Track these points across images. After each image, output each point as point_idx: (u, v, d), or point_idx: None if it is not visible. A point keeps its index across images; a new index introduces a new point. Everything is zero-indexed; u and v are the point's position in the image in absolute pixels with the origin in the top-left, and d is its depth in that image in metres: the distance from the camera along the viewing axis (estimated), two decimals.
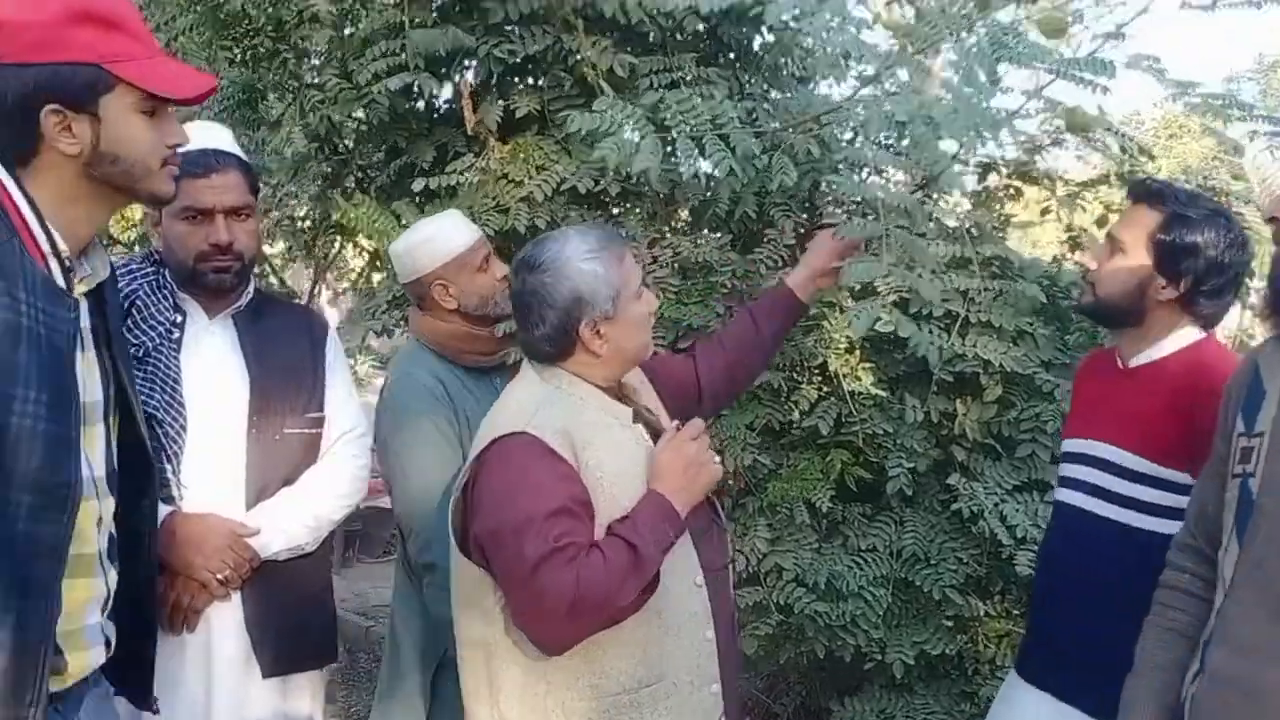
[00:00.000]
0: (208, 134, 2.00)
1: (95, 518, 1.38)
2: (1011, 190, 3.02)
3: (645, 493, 1.57)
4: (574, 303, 1.59)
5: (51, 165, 1.32)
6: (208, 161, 1.93)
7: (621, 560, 1.47)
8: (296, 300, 3.92)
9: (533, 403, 1.63)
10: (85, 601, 1.38)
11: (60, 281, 1.32)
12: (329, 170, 2.99)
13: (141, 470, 1.50)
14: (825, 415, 2.63)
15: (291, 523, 1.97)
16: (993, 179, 2.99)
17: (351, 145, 3.03)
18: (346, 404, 2.13)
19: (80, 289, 1.37)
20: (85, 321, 1.37)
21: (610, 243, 1.64)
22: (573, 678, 1.55)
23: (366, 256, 3.93)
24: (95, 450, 1.37)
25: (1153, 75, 2.46)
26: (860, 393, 2.62)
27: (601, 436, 1.60)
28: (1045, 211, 2.78)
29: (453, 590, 1.68)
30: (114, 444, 1.44)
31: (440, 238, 2.17)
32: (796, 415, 2.69)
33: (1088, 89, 2.28)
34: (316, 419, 2.06)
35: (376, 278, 3.54)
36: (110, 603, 1.44)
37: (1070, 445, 2.07)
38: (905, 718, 2.74)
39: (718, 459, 1.66)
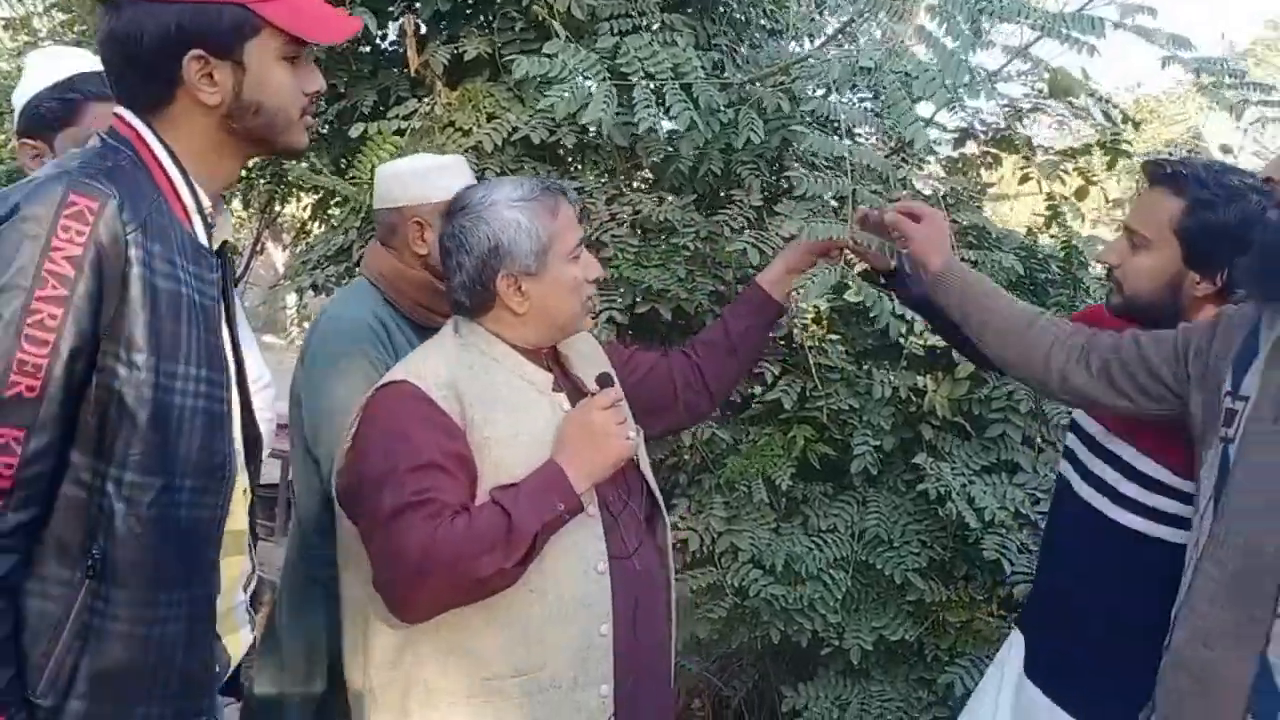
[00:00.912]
0: (61, 62, 1.82)
1: (242, 491, 1.34)
2: (989, 158, 2.92)
3: (544, 462, 1.46)
4: (491, 251, 1.48)
5: (187, 115, 1.21)
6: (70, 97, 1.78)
7: (490, 527, 1.36)
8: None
9: (432, 354, 1.54)
10: (235, 580, 1.35)
11: (203, 240, 1.23)
12: None
13: (252, 438, 1.42)
14: (789, 389, 2.52)
15: None
16: (970, 145, 2.89)
17: None
18: (251, 351, 1.97)
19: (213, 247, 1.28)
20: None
21: (545, 194, 1.52)
22: (442, 653, 1.45)
23: (310, 209, 3.74)
24: (234, 420, 1.30)
25: (1140, 35, 2.36)
26: (826, 366, 2.51)
27: (505, 399, 1.50)
28: (1024, 179, 2.68)
29: (338, 548, 1.58)
30: (250, 403, 1.40)
31: (439, 175, 1.97)
32: (758, 389, 2.58)
33: (1075, 50, 2.18)
34: None
35: (316, 230, 3.35)
36: (254, 578, 1.42)
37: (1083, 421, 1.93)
38: (861, 704, 2.66)
39: (632, 433, 1.52)
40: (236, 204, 4.39)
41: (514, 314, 1.51)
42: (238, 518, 1.31)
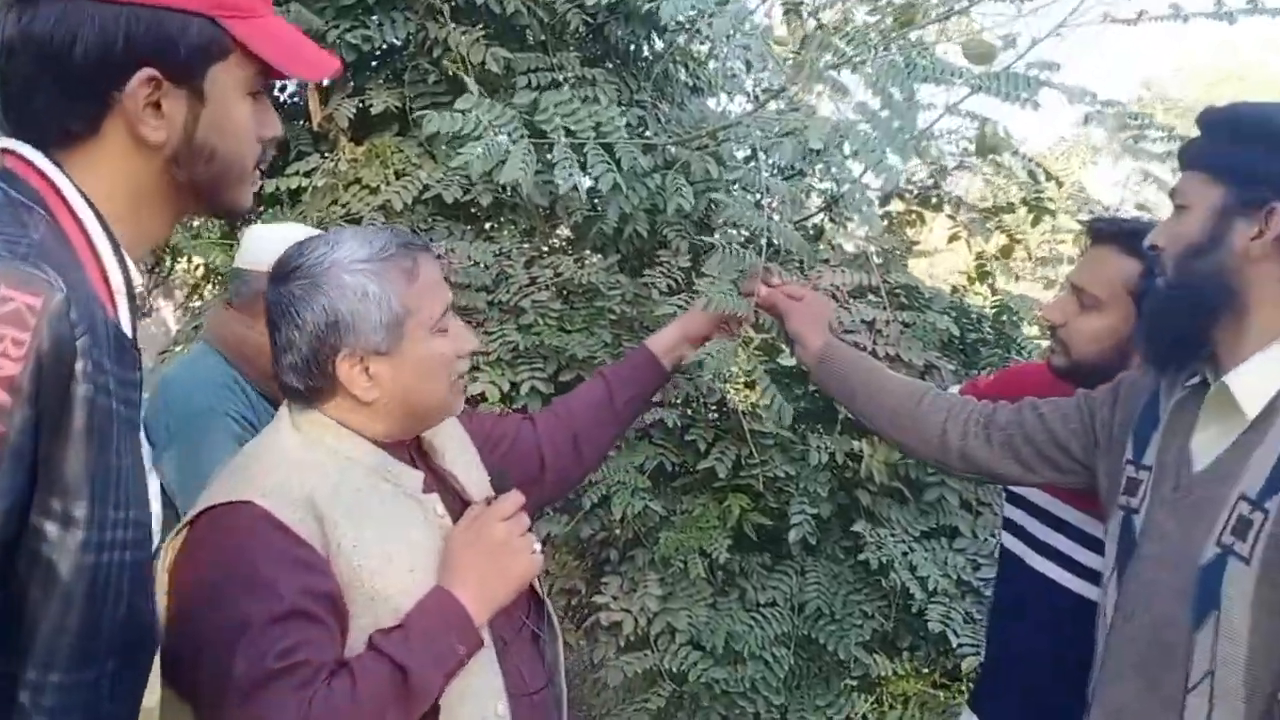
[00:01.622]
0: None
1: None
2: (914, 216, 2.90)
3: (431, 590, 1.19)
4: (329, 327, 1.20)
5: (116, 156, 0.93)
6: None
7: (381, 687, 1.09)
8: None
9: (272, 458, 1.23)
10: None
11: (128, 329, 0.93)
12: None
13: None
14: (723, 456, 2.42)
15: None
16: (895, 204, 2.87)
17: None
18: None
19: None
20: None
21: (401, 252, 1.24)
22: None
23: (202, 270, 3.52)
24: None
25: (1064, 92, 2.37)
26: (761, 432, 2.41)
27: (370, 510, 1.22)
28: (954, 238, 2.66)
29: None
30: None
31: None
32: (692, 456, 2.47)
33: (1006, 106, 2.17)
34: None
35: (210, 291, 3.14)
36: None
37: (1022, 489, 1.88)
38: None
39: (538, 546, 1.26)
40: None
41: (360, 402, 1.24)
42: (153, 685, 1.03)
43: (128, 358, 0.91)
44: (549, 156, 2.07)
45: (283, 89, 2.60)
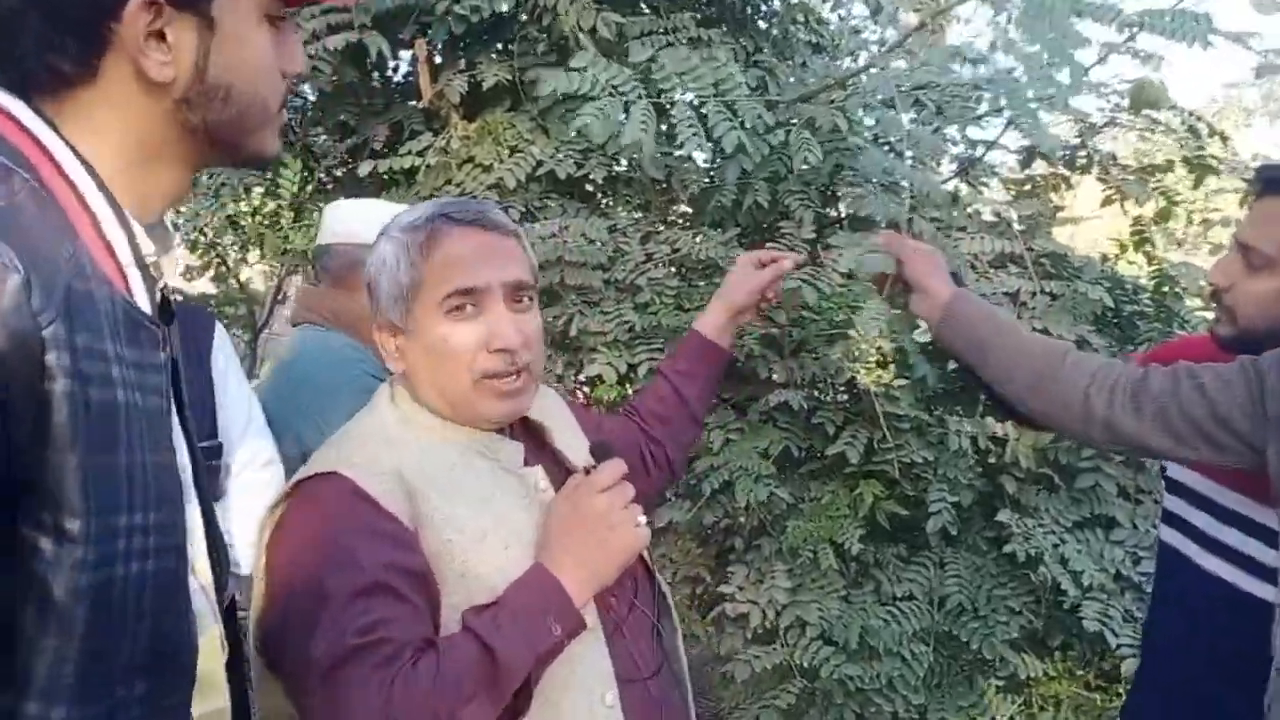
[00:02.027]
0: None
1: (218, 647, 0.92)
2: (1058, 179, 2.68)
3: (530, 568, 1.12)
4: (369, 291, 1.24)
5: (118, 101, 0.80)
6: None
7: (468, 668, 1.02)
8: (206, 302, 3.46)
9: (365, 433, 1.20)
10: None
11: (144, 304, 0.82)
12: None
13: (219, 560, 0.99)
14: (854, 441, 2.27)
15: None
16: (1038, 166, 2.65)
17: (297, 126, 2.66)
18: (247, 426, 1.75)
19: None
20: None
21: (429, 222, 1.18)
22: None
23: None
24: (196, 543, 0.88)
25: (1232, 39, 2.13)
26: (895, 414, 2.26)
27: (464, 485, 1.16)
28: (1107, 202, 2.43)
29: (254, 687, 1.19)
30: (215, 524, 0.97)
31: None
32: (820, 441, 2.33)
33: (1143, 63, 1.97)
34: (212, 448, 1.68)
35: None
36: None
37: (1183, 476, 1.68)
38: None
39: (643, 519, 1.15)
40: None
41: (409, 378, 1.23)
42: (213, 688, 0.89)
43: (145, 336, 0.79)
44: (668, 122, 1.96)
45: (394, 69, 2.57)
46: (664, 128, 2.02)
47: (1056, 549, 2.31)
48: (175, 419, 0.87)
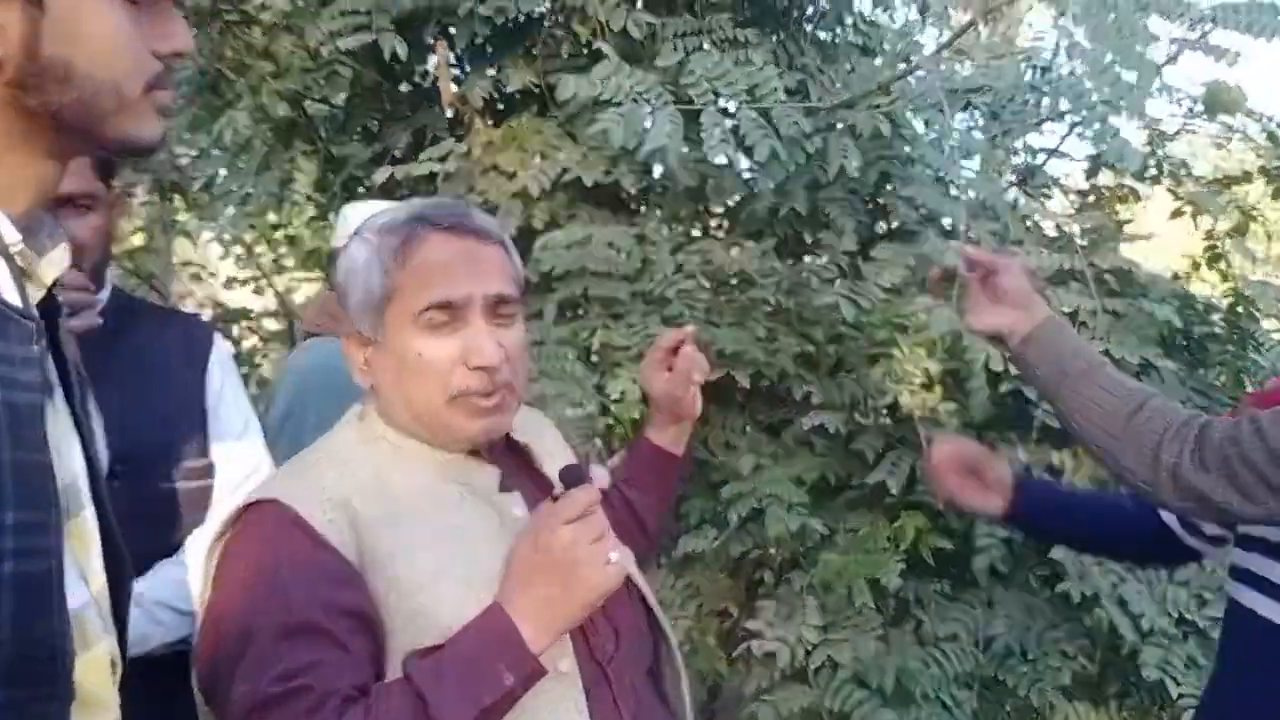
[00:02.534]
0: None
1: (108, 664, 0.83)
2: (1125, 191, 2.50)
3: (486, 609, 0.99)
4: (341, 298, 1.11)
5: None
6: None
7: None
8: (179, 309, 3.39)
9: (324, 450, 1.10)
10: None
11: (12, 295, 0.78)
12: (290, 162, 2.54)
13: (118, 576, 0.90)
14: (895, 468, 2.13)
15: (171, 607, 1.49)
16: (1103, 176, 2.48)
17: (324, 134, 2.60)
18: (241, 442, 1.66)
19: (34, 296, 0.81)
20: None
21: (407, 223, 1.07)
22: None
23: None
24: (89, 553, 0.82)
25: None
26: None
27: (424, 514, 1.05)
28: (1177, 214, 2.25)
29: None
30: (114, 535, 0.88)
31: None
32: (858, 468, 2.19)
33: (1224, 61, 1.79)
34: (201, 468, 1.59)
35: None
36: None
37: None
38: None
39: (615, 555, 1.01)
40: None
41: (378, 393, 1.11)
42: (100, 711, 0.80)
43: (14, 330, 0.73)
44: (698, 129, 1.84)
45: (422, 74, 2.48)
46: (697, 132, 1.90)
47: (1114, 589, 2.15)
48: (66, 419, 0.80)
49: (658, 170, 2.32)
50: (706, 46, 2.08)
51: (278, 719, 0.90)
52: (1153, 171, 2.39)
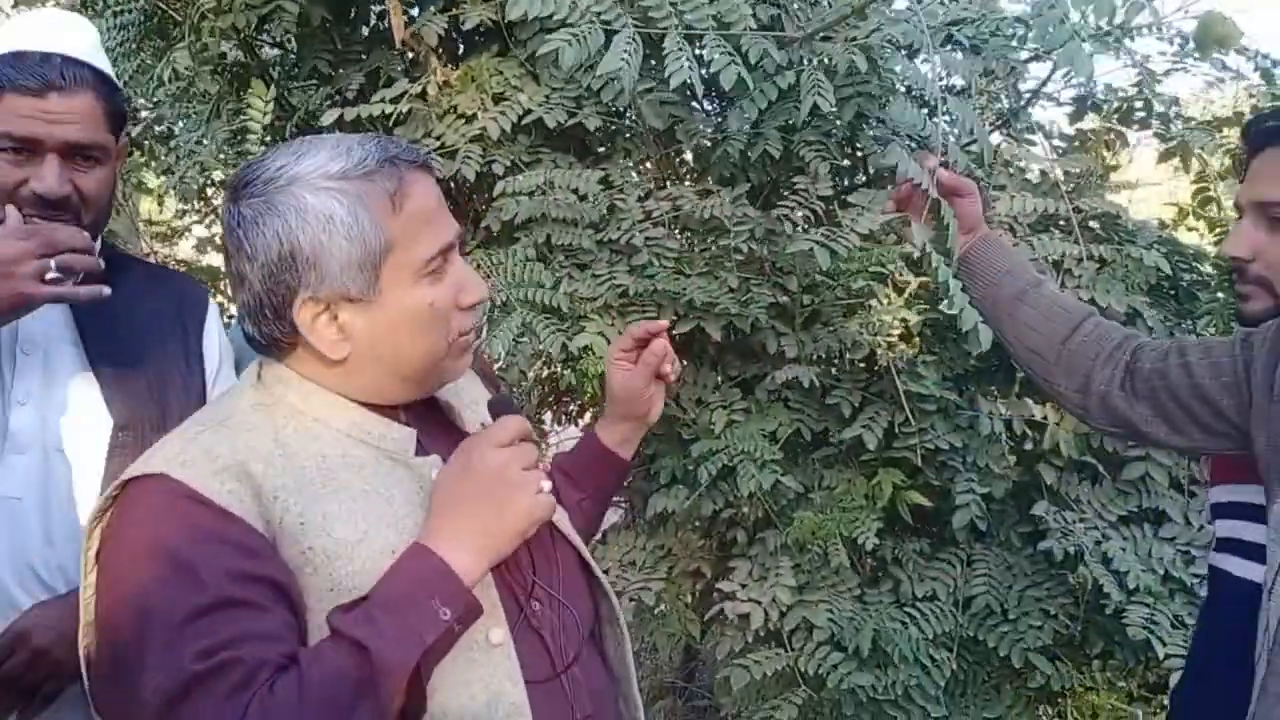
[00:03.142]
0: (55, 30, 1.42)
1: None
2: (1111, 135, 2.41)
3: (405, 549, 0.94)
4: (283, 262, 0.95)
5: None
6: (46, 73, 1.35)
7: (341, 675, 0.84)
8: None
9: (216, 418, 0.99)
10: None
11: None
12: (243, 108, 2.41)
13: None
14: (873, 423, 2.05)
15: None
16: (1089, 120, 2.38)
17: (275, 77, 2.46)
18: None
19: None
20: None
21: (385, 167, 0.98)
22: None
23: None
24: None
25: None
26: (919, 394, 2.02)
27: (337, 480, 0.97)
28: (1166, 156, 2.16)
29: None
30: None
31: None
32: (834, 423, 2.10)
33: None
34: None
35: None
36: None
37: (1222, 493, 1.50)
38: None
39: (548, 484, 0.98)
40: None
41: (329, 360, 0.99)
42: None
43: None
44: (662, 60, 1.73)
45: (379, 14, 2.35)
46: (658, 68, 1.79)
47: (1098, 546, 2.08)
48: None
49: (625, 113, 2.21)
50: None
51: (207, 699, 0.81)
52: (1141, 114, 2.30)
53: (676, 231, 2.07)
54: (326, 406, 1.01)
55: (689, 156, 2.31)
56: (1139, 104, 2.29)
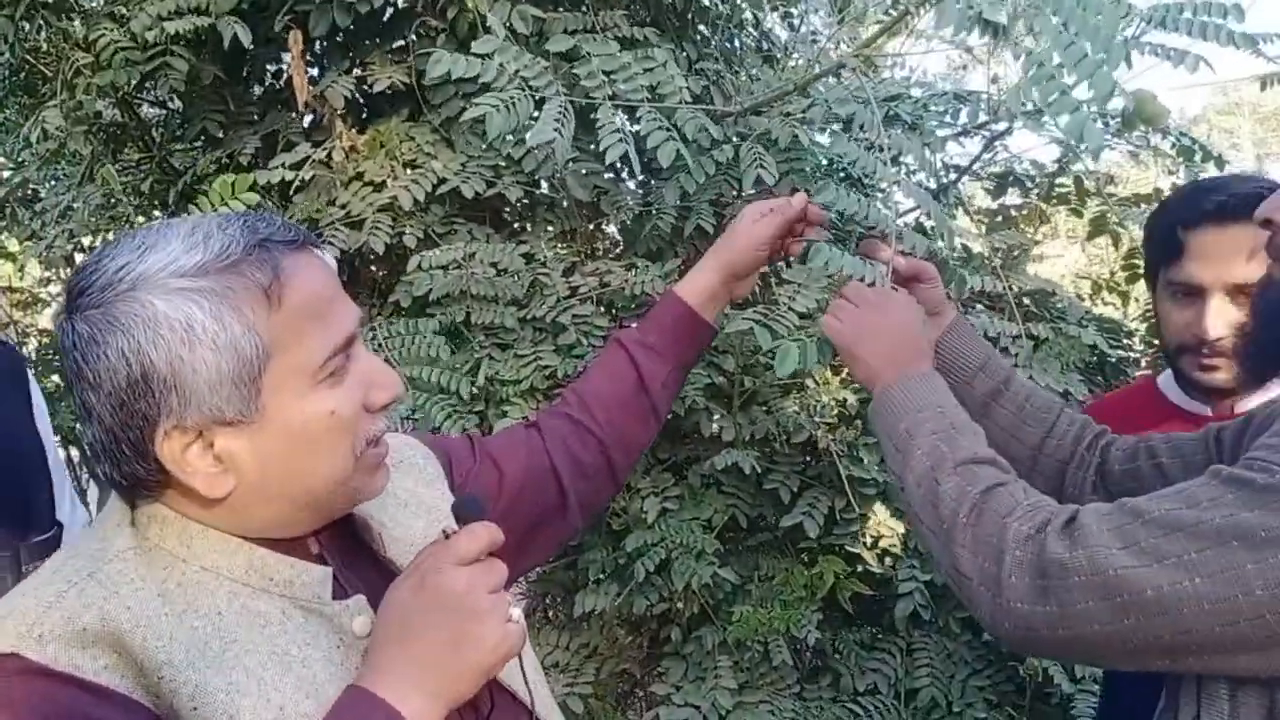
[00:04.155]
0: None
1: None
2: (1035, 210, 2.40)
3: (340, 696, 0.78)
4: (137, 386, 0.76)
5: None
6: None
7: None
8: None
9: (84, 569, 0.77)
10: None
11: None
12: (119, 172, 2.18)
13: None
14: (813, 509, 1.94)
15: None
16: (1011, 194, 2.37)
17: (158, 138, 2.26)
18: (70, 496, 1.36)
19: None
20: None
21: (255, 255, 0.78)
22: None
23: None
24: None
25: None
26: (860, 478, 1.92)
27: (235, 642, 0.78)
28: (1097, 230, 2.14)
29: None
30: None
31: None
32: (773, 509, 1.99)
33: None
34: (44, 542, 1.27)
35: None
36: None
37: None
38: None
39: (517, 612, 0.82)
40: None
41: (204, 500, 0.80)
42: None
43: None
44: (594, 131, 1.61)
45: (275, 73, 2.18)
46: (588, 138, 1.68)
47: None
48: None
49: (546, 184, 2.09)
50: (602, 40, 1.85)
51: None
52: (1065, 188, 2.29)
53: (604, 308, 1.94)
54: (216, 551, 0.81)
55: (613, 229, 2.19)
56: (1060, 180, 2.28)
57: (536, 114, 1.49)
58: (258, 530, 0.83)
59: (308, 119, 2.09)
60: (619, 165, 1.88)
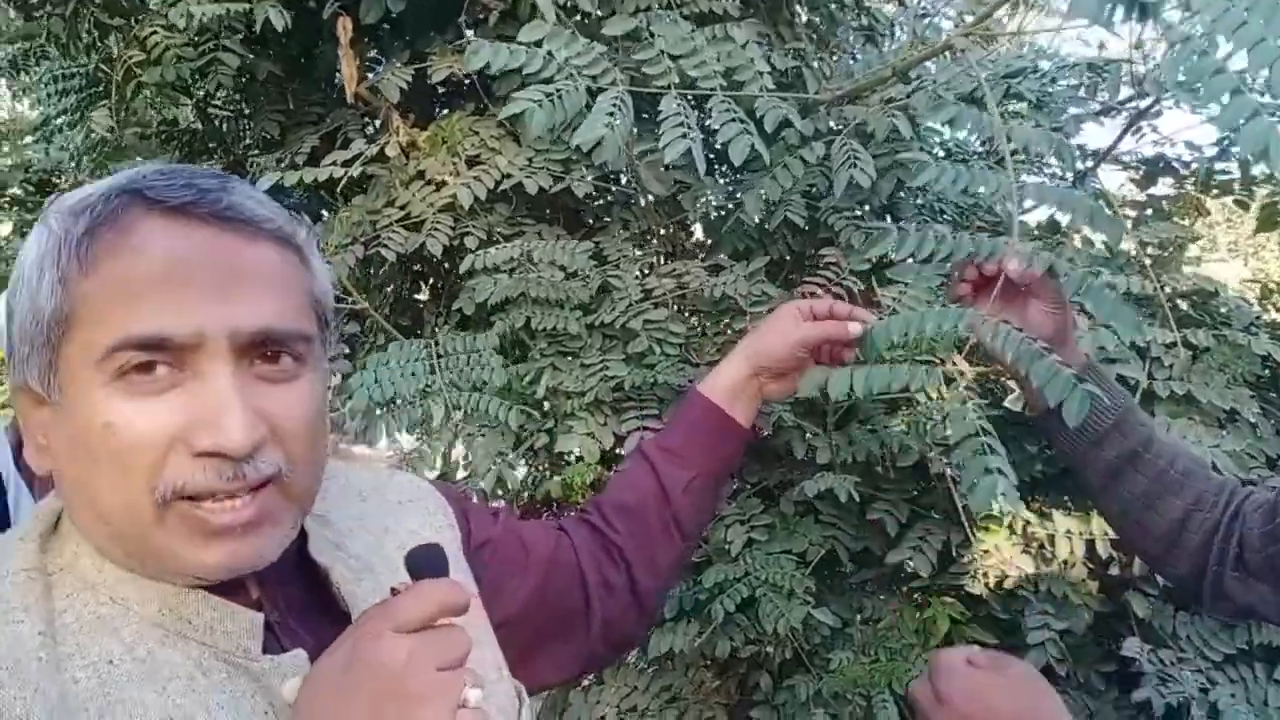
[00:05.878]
0: None
1: None
2: (1192, 201, 2.08)
3: None
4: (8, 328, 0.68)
5: None
6: None
7: None
8: None
9: None
10: None
11: None
12: None
13: None
14: (924, 543, 1.69)
15: None
16: (1162, 184, 2.06)
17: (227, 142, 2.19)
18: None
19: None
20: None
21: (110, 202, 0.65)
22: None
23: None
24: None
25: None
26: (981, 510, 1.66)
27: (126, 704, 0.62)
28: (1267, 220, 1.82)
29: None
30: None
31: None
32: (878, 543, 1.75)
33: None
34: None
35: None
36: None
37: None
38: None
39: (476, 693, 0.63)
40: None
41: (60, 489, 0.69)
42: None
43: None
44: (654, 115, 1.43)
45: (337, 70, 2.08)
46: (653, 131, 1.49)
47: (1205, 694, 1.69)
48: None
49: (622, 178, 1.91)
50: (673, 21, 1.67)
51: None
52: (1226, 175, 1.98)
53: (682, 313, 1.74)
54: (128, 581, 0.66)
55: (697, 227, 1.99)
56: (1221, 166, 1.97)
57: (587, 99, 1.32)
58: (120, 556, 0.67)
59: (372, 116, 1.97)
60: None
